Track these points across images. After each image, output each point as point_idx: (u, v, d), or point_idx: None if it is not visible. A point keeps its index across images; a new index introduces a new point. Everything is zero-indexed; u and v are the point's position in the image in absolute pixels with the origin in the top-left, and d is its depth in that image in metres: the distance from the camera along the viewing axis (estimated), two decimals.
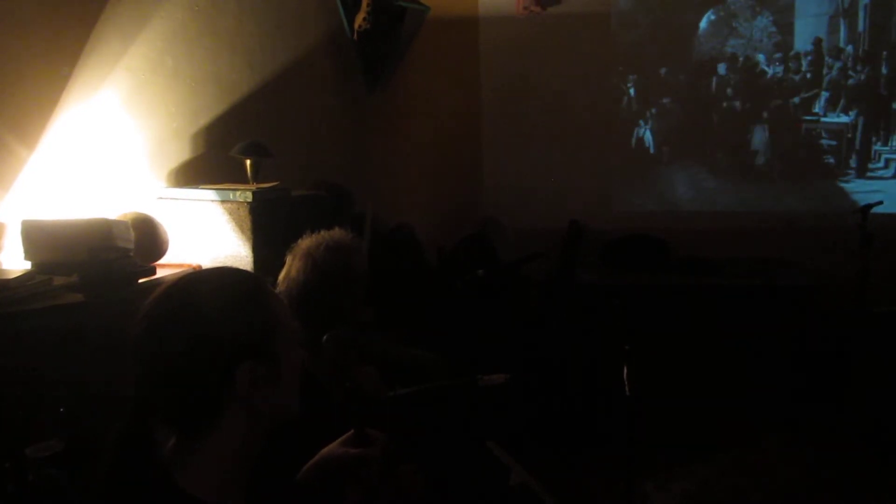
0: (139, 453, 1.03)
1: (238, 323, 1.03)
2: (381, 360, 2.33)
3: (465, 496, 2.40)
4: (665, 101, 5.09)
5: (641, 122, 5.12)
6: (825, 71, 4.86)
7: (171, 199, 2.69)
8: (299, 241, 2.02)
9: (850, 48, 4.81)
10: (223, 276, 1.12)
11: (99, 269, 2.09)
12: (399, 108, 4.88)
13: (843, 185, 4.91)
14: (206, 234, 2.63)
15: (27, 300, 1.93)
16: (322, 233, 2.02)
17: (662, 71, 5.07)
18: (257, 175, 2.77)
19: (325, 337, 1.70)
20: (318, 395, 1.69)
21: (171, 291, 1.05)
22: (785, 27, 4.90)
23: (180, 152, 2.91)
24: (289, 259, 2.00)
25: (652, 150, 5.13)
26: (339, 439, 1.36)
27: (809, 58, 4.86)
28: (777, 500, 2.99)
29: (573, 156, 5.12)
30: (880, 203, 4.10)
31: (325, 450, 1.35)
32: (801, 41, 4.89)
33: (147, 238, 2.41)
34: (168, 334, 1.01)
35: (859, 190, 4.84)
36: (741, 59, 4.96)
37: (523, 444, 1.94)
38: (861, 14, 4.79)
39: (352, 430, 1.36)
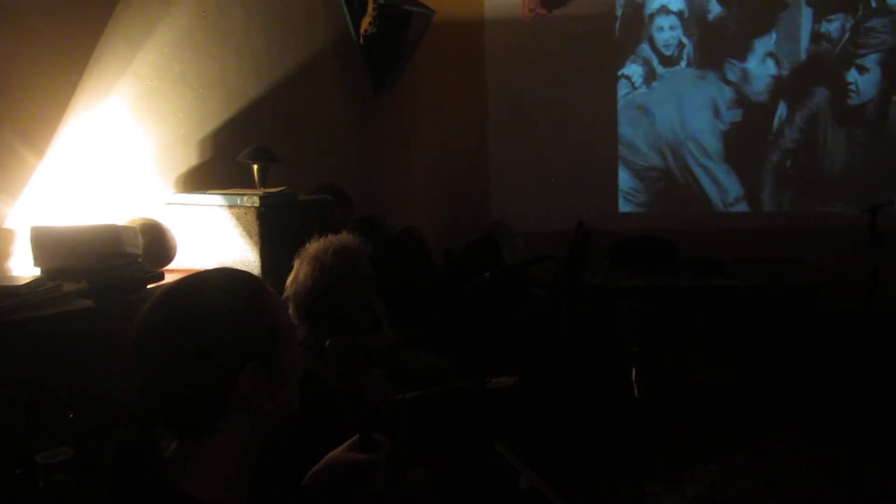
0: (142, 459, 1.03)
1: (239, 327, 1.03)
2: (388, 363, 2.33)
3: (473, 500, 2.39)
4: (672, 100, 5.07)
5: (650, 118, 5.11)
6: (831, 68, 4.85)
7: (179, 204, 2.71)
8: (307, 245, 2.02)
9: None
10: (222, 280, 1.10)
11: (108, 274, 2.11)
12: (406, 111, 4.88)
13: (852, 183, 4.88)
14: (213, 239, 2.64)
15: (37, 306, 1.95)
16: (329, 237, 2.03)
17: (670, 70, 5.06)
18: (264, 180, 2.78)
19: (327, 343, 1.70)
20: (323, 399, 1.69)
21: (171, 296, 1.05)
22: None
23: (188, 158, 2.92)
24: (296, 263, 2.00)
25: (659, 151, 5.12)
26: (345, 444, 1.36)
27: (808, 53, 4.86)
28: (788, 501, 2.97)
29: (580, 157, 5.11)
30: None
31: (330, 455, 1.34)
32: (806, 35, 4.87)
33: (155, 244, 2.42)
34: (170, 341, 1.00)
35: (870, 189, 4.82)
36: (750, 56, 4.95)
37: (532, 447, 1.93)
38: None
39: (357, 435, 1.35)
